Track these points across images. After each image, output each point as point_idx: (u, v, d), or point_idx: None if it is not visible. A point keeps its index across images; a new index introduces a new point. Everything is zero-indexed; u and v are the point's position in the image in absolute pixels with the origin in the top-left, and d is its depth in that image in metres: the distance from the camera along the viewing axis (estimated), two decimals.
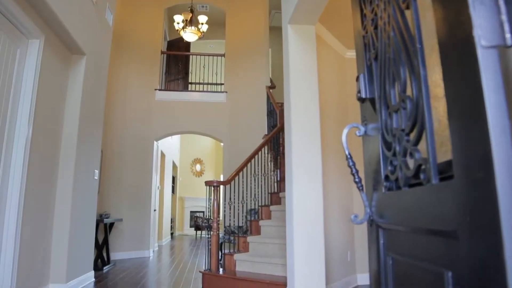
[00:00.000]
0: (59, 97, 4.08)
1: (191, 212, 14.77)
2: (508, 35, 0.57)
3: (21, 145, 3.27)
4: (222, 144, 8.13)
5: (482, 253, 0.62)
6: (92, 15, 4.60)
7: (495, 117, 0.57)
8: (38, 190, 3.63)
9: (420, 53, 0.84)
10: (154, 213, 8.14)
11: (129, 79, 7.66)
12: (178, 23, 7.30)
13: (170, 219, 12.12)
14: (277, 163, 5.60)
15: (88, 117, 4.56)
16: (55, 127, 3.99)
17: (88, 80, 4.49)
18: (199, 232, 13.53)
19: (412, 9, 0.88)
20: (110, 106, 7.13)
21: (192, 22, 7.55)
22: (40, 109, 3.56)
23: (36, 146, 3.51)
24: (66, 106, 4.23)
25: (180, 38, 8.61)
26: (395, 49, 0.99)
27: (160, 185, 9.28)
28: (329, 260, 3.79)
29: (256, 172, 5.19)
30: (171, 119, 7.85)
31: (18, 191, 3.20)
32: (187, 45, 9.04)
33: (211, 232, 4.53)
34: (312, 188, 3.38)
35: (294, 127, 3.43)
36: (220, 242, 4.85)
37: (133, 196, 7.36)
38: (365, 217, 1.30)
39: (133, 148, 7.48)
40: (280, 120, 5.65)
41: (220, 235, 4.95)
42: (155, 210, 8.21)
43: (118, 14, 7.47)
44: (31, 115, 3.37)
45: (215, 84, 8.97)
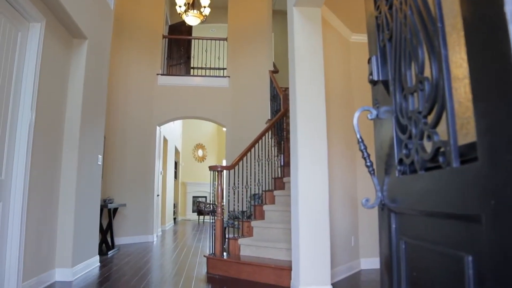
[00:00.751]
0: (62, 82, 4.05)
1: (193, 197, 14.84)
2: None
3: (24, 131, 3.26)
4: (224, 129, 8.11)
5: (507, 237, 0.60)
6: None
7: None
8: (42, 176, 3.62)
9: (441, 33, 0.81)
10: (157, 198, 8.16)
11: (130, 64, 7.60)
12: (180, 6, 7.20)
13: (173, 204, 12.18)
14: (280, 148, 5.59)
15: (91, 102, 4.53)
16: (58, 113, 3.97)
17: (90, 64, 4.45)
18: (202, 217, 13.60)
19: None
20: (112, 91, 7.09)
21: (194, 5, 7.45)
22: (42, 94, 3.54)
23: (39, 132, 3.50)
24: (69, 91, 4.20)
25: (181, 22, 8.52)
26: (412, 29, 0.96)
27: (162, 170, 9.30)
28: (333, 244, 3.80)
29: (260, 157, 5.18)
30: (174, 104, 7.82)
31: (22, 178, 3.20)
32: (189, 29, 8.95)
33: (215, 217, 4.54)
34: (317, 173, 3.37)
35: (299, 112, 3.40)
36: (223, 227, 4.86)
37: (136, 182, 7.38)
38: (376, 202, 1.28)
39: (136, 133, 7.47)
40: (283, 105, 5.62)
41: (224, 220, 4.96)
42: (158, 195, 8.24)
43: None
44: (34, 100, 3.35)
45: (218, 69, 8.90)
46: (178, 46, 8.87)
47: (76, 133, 4.15)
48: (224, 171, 4.71)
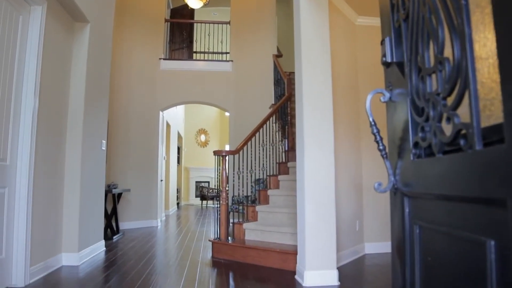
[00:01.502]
0: (64, 66, 4.02)
1: (196, 182, 14.89)
2: None
3: (28, 117, 3.24)
4: (227, 114, 8.08)
5: None
6: None
7: None
8: (47, 162, 3.62)
9: (465, 10, 0.78)
10: (161, 183, 8.18)
11: (133, 48, 7.53)
12: None
13: (176, 189, 12.23)
14: (284, 133, 5.57)
15: (94, 87, 4.50)
16: (61, 98, 3.95)
17: (92, 49, 4.40)
18: (205, 201, 13.67)
19: None
20: (115, 76, 7.05)
21: None
22: (45, 79, 3.51)
23: (43, 117, 3.48)
24: (72, 76, 4.17)
25: (183, 6, 8.41)
26: (432, 8, 0.93)
27: (166, 155, 9.30)
28: (338, 229, 3.80)
29: (264, 142, 5.16)
30: (177, 89, 7.77)
31: (27, 163, 3.19)
32: (191, 12, 8.84)
33: (220, 202, 4.55)
34: (323, 157, 3.36)
35: (305, 97, 3.37)
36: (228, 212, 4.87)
37: (140, 167, 7.39)
38: (389, 186, 1.27)
39: (139, 118, 7.45)
40: (288, 89, 5.57)
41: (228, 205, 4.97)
42: (161, 180, 8.25)
43: None
44: (37, 86, 3.32)
45: (220, 53, 8.82)
46: (180, 30, 8.78)
47: (79, 118, 4.13)
48: (228, 156, 4.69)
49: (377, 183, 1.25)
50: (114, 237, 5.72)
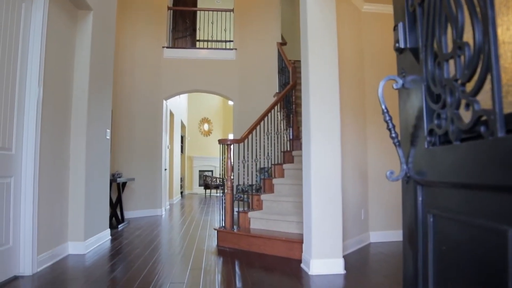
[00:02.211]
0: (68, 55, 3.99)
1: (199, 171, 14.92)
2: None
3: (32, 106, 3.23)
4: (230, 102, 8.05)
5: None
6: None
7: None
8: (52, 151, 3.62)
9: None
10: (165, 172, 8.20)
11: (136, 36, 7.48)
12: None
13: (180, 178, 12.26)
14: (289, 122, 5.54)
15: (98, 75, 4.47)
16: (65, 87, 3.93)
17: (96, 36, 4.37)
18: (208, 190, 13.71)
19: None
20: (118, 65, 7.01)
21: None
22: (49, 68, 3.49)
23: (47, 106, 3.47)
24: (75, 65, 4.14)
25: None
26: None
27: (169, 144, 9.30)
28: (343, 218, 3.80)
29: (269, 131, 5.14)
30: (180, 78, 7.74)
31: (32, 152, 3.19)
32: (194, 0, 8.76)
33: (225, 191, 4.55)
34: (330, 146, 3.34)
35: (312, 87, 3.34)
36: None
37: (144, 156, 7.40)
38: (401, 174, 1.25)
39: (143, 107, 7.43)
40: (292, 78, 5.53)
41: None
42: (166, 169, 8.27)
43: None
44: (41, 74, 3.30)
45: (224, 41, 8.75)
46: (183, 18, 8.70)
47: (84, 107, 4.12)
48: (233, 145, 4.68)
49: (389, 171, 1.23)
50: (119, 226, 5.75)
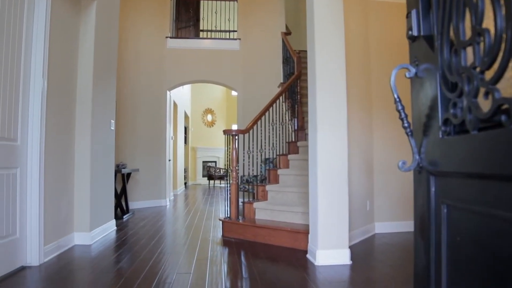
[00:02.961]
0: (72, 45, 3.97)
1: (203, 162, 14.94)
2: None
3: (37, 98, 3.21)
4: (233, 93, 8.03)
5: None
6: None
7: None
8: (57, 142, 3.61)
9: None
10: (169, 163, 8.20)
11: (139, 26, 7.44)
12: None
13: (184, 169, 12.27)
14: (294, 112, 5.51)
15: (102, 66, 4.45)
16: (69, 77, 3.91)
17: (99, 26, 4.34)
18: (212, 181, 13.74)
19: None
20: (122, 55, 6.98)
21: None
22: (53, 59, 3.46)
23: (52, 98, 3.45)
24: (79, 55, 4.12)
25: None
26: None
27: (173, 135, 9.30)
28: (349, 208, 3.79)
29: (274, 121, 5.12)
30: (184, 68, 7.71)
31: (38, 143, 3.19)
32: None
33: (231, 181, 4.54)
34: (336, 137, 3.32)
35: (318, 78, 3.31)
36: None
37: (148, 147, 7.40)
38: (413, 164, 1.23)
39: (147, 98, 7.42)
40: (297, 68, 5.49)
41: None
42: (170, 160, 8.27)
43: None
44: (45, 66, 3.28)
45: (228, 31, 8.69)
46: (187, 7, 8.64)
47: (88, 98, 4.10)
48: (238, 135, 4.66)
49: (401, 161, 1.22)
50: (124, 217, 5.77)
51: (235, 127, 13.56)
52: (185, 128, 13.08)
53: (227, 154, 4.67)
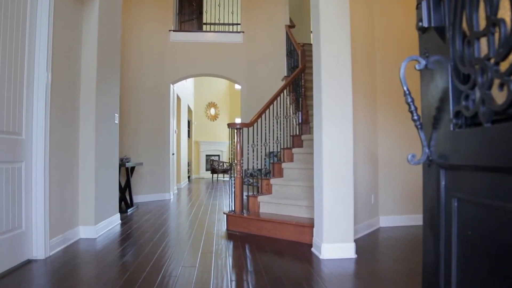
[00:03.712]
0: (75, 39, 3.95)
1: (206, 155, 14.95)
2: None
3: (41, 92, 3.20)
4: (237, 86, 8.01)
5: None
6: None
7: None
8: (62, 136, 3.61)
9: None
10: (173, 157, 8.21)
11: (141, 20, 7.41)
12: None
13: (187, 163, 12.29)
14: (298, 106, 5.49)
15: (105, 60, 4.44)
16: (73, 71, 3.90)
17: (103, 20, 4.32)
18: (215, 175, 13.75)
19: None
20: (125, 49, 6.96)
21: None
22: (57, 53, 3.45)
23: (56, 92, 3.45)
24: (83, 49, 4.11)
25: None
26: None
27: (176, 129, 9.30)
28: (354, 202, 3.78)
29: (278, 115, 5.10)
30: (187, 61, 7.68)
31: (42, 137, 3.19)
32: None
33: (235, 175, 4.54)
34: (341, 132, 3.31)
35: (324, 72, 3.29)
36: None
37: (152, 140, 7.40)
38: (423, 157, 1.22)
39: (150, 92, 7.40)
40: (301, 61, 5.46)
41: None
42: (173, 154, 8.28)
43: None
44: (49, 60, 3.27)
45: (231, 24, 8.65)
46: (190, 0, 8.60)
47: (92, 92, 4.09)
48: (242, 129, 4.65)
49: (410, 154, 1.20)
50: (128, 210, 5.78)
51: (238, 121, 13.55)
52: (188, 122, 13.07)
53: (231, 147, 4.66)
